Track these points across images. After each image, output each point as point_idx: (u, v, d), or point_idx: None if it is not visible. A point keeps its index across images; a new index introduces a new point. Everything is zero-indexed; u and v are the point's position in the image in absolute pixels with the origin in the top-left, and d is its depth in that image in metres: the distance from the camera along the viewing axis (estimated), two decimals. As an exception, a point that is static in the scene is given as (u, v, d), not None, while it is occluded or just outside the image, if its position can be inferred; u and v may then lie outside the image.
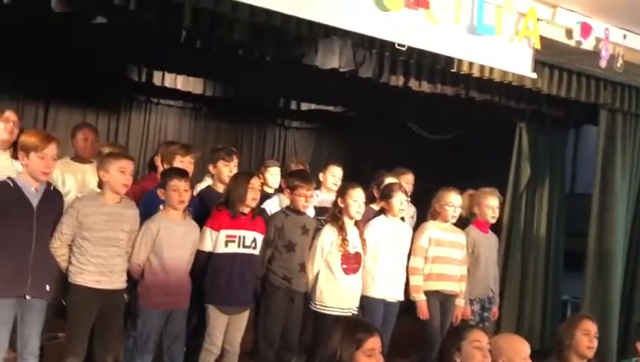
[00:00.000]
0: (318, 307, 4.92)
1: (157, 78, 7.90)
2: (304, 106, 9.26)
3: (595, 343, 4.07)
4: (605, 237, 6.55)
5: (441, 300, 5.35)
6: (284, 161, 9.99)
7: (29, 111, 8.34)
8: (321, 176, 6.18)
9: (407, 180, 6.22)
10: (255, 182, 4.69)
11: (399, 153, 8.45)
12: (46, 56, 7.22)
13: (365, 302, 5.15)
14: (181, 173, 4.61)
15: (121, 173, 4.22)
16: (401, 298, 5.28)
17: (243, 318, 4.75)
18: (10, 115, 4.85)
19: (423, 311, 5.21)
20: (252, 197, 4.66)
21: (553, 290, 7.57)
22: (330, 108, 9.29)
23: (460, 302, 5.45)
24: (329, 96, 8.57)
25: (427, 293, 5.29)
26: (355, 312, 5.03)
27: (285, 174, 5.59)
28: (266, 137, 10.32)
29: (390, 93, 6.75)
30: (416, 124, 8.83)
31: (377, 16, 4.39)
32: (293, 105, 9.25)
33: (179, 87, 8.11)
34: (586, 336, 4.05)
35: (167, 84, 8.02)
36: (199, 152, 5.63)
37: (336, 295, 4.89)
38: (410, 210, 6.23)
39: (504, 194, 7.59)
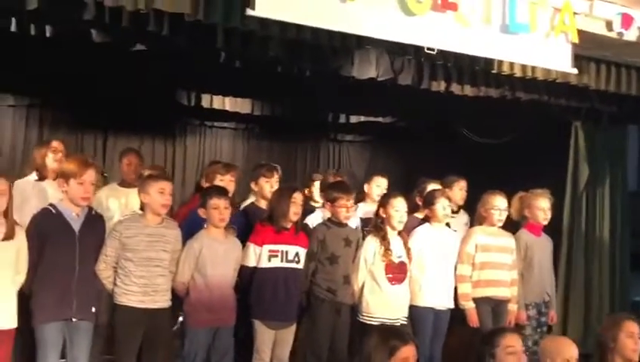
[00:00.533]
0: (365, 318, 4.87)
1: (205, 100, 8.04)
2: (353, 119, 9.23)
3: None
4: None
5: (493, 306, 5.22)
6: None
7: (88, 141, 8.65)
8: (366, 187, 6.16)
9: (461, 187, 6.09)
10: (297, 196, 4.71)
11: (453, 161, 8.30)
12: (100, 87, 7.46)
13: (414, 311, 5.09)
14: (220, 191, 4.67)
15: (160, 193, 4.31)
16: (451, 305, 5.18)
17: (290, 333, 4.75)
18: (57, 145, 5.03)
19: (473, 319, 5.09)
20: (294, 212, 4.68)
21: (620, 293, 7.32)
22: (380, 119, 9.22)
23: (513, 306, 5.31)
24: (377, 107, 8.53)
25: (477, 300, 5.17)
26: (404, 322, 4.96)
27: (324, 187, 5.56)
28: (320, 153, 10.35)
29: (440, 101, 6.70)
30: (469, 130, 8.68)
31: (405, 21, 4.39)
32: (342, 119, 9.21)
33: (227, 108, 8.24)
34: (631, 339, 3.86)
35: (216, 105, 8.16)
36: (239, 170, 5.68)
37: (383, 305, 4.84)
38: (464, 218, 6.11)
39: (562, 196, 7.42)
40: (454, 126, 8.73)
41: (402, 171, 9.24)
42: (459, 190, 6.00)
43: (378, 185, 5.99)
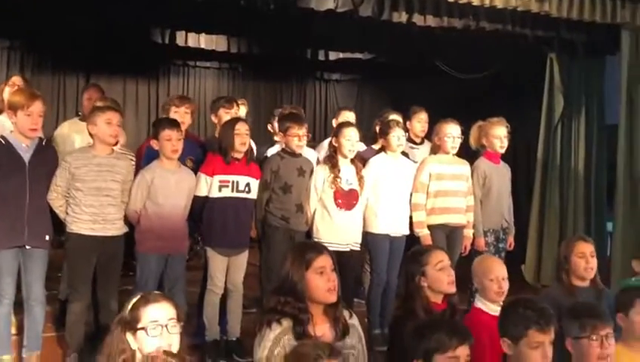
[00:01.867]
0: (316, 243, 4.98)
1: (180, 38, 8.08)
2: (332, 56, 9.21)
3: (593, 263, 3.96)
4: (635, 167, 6.27)
5: (447, 233, 5.30)
6: (327, 116, 10.07)
7: (71, 83, 8.74)
8: (334, 121, 6.20)
9: (420, 119, 6.13)
10: (241, 127, 4.77)
11: (439, 97, 8.29)
12: (79, 28, 7.51)
13: (370, 238, 5.21)
14: (172, 123, 4.74)
15: (107, 124, 4.39)
16: (406, 232, 5.27)
17: (242, 259, 4.88)
18: (16, 79, 5.12)
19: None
20: (240, 143, 4.75)
21: (596, 224, 7.34)
22: (360, 56, 9.19)
23: (469, 232, 5.38)
24: (356, 44, 8.50)
25: (432, 227, 5.24)
26: (355, 248, 5.08)
27: (277, 119, 5.61)
28: (306, 93, 10.38)
29: (419, 38, 6.68)
30: (450, 66, 8.64)
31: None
32: (322, 56, 9.19)
33: (202, 45, 8.27)
34: (582, 258, 3.95)
35: (191, 43, 8.19)
36: (194, 103, 5.73)
37: (332, 231, 4.94)
38: (427, 149, 6.14)
39: (538, 128, 7.43)
40: (435, 62, 8.70)
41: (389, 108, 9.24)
42: (417, 122, 6.03)
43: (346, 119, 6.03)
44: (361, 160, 5.27)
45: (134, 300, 2.61)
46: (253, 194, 4.86)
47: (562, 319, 3.01)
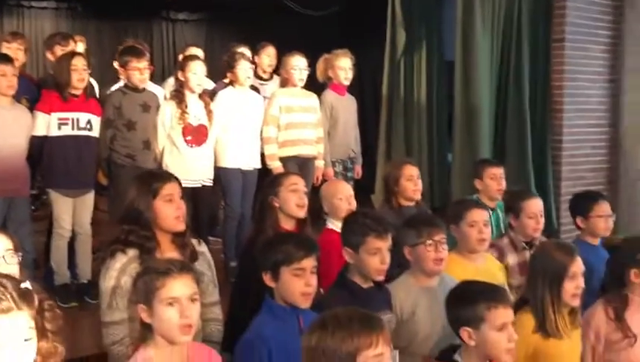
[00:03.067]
0: (166, 181, 4.90)
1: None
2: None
3: (420, 185, 4.17)
4: (470, 98, 6.58)
5: (299, 164, 5.37)
6: (176, 58, 9.78)
7: None
8: (180, 57, 6.06)
9: (268, 53, 6.13)
10: (78, 62, 4.57)
11: (290, 35, 8.28)
12: None
13: (222, 172, 5.20)
14: (6, 58, 4.51)
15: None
16: (258, 166, 5.30)
17: (88, 200, 4.73)
18: None
19: (279, 178, 5.24)
20: (78, 78, 4.55)
21: (438, 153, 7.72)
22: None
23: (320, 163, 5.48)
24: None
25: (284, 159, 5.28)
26: (207, 184, 5.06)
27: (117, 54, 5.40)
28: (153, 34, 10.00)
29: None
30: (298, 3, 8.66)
31: None
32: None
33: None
34: (410, 181, 4.13)
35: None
36: (28, 40, 5.42)
37: (182, 168, 4.82)
38: (276, 84, 6.15)
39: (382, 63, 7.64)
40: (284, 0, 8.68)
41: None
42: (265, 56, 6.03)
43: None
44: (211, 95, 5.21)
45: None
46: (96, 132, 4.69)
47: (399, 231, 3.17)
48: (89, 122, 4.63)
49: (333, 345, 1.89)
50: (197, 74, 4.92)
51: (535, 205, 3.90)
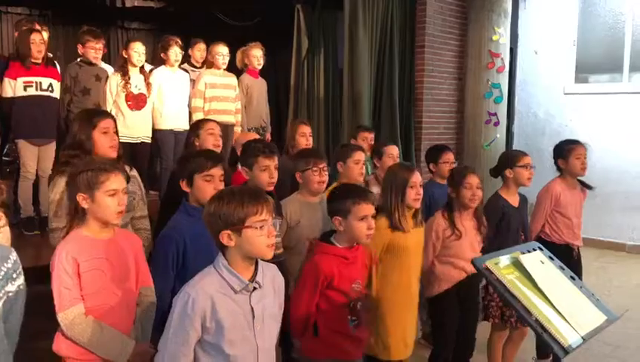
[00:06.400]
0: (114, 138, 4.84)
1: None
2: (128, 3, 8.68)
3: (310, 140, 4.23)
4: (355, 85, 6.75)
5: (222, 129, 5.36)
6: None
7: None
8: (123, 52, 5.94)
9: (200, 48, 6.08)
10: (36, 37, 4.49)
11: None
12: None
13: (158, 133, 5.19)
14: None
15: None
16: (187, 127, 5.27)
17: (50, 149, 4.65)
18: None
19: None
20: (37, 50, 4.47)
21: (333, 135, 7.84)
22: (152, 4, 8.75)
23: (237, 129, 5.53)
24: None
25: (208, 124, 5.30)
26: (145, 141, 5.06)
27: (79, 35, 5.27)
28: (110, 41, 9.63)
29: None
30: (228, 16, 8.59)
31: None
32: (119, 3, 8.62)
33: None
34: (303, 137, 4.18)
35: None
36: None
37: (125, 127, 4.83)
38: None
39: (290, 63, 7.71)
40: (216, 13, 8.59)
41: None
42: (197, 51, 5.99)
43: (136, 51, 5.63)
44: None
45: None
46: (56, 94, 4.62)
47: (295, 161, 3.24)
48: (50, 85, 4.55)
49: (228, 211, 1.89)
50: (137, 51, 4.91)
51: (393, 149, 4.07)
